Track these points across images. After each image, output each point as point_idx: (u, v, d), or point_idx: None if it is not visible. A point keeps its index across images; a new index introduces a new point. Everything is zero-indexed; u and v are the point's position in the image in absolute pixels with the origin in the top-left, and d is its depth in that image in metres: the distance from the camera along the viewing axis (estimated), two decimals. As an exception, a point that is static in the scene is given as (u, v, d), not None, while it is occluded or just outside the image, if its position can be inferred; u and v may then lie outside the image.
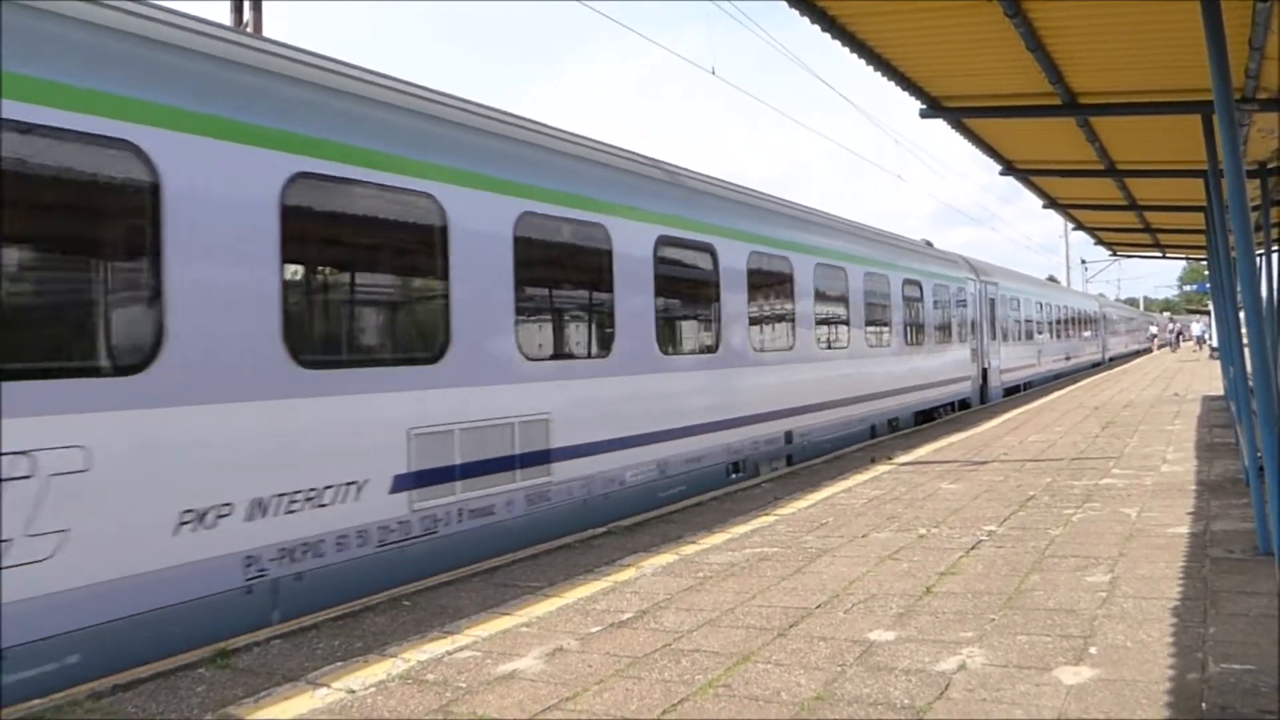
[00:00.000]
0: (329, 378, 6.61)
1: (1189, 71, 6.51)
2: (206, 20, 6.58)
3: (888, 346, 17.38)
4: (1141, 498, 9.22)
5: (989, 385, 24.28)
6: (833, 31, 5.95)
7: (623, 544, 8.14)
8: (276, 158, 6.32)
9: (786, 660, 4.97)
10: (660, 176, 11.09)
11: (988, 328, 24.25)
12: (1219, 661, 4.62)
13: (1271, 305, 13.00)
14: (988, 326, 24.26)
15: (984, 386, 23.93)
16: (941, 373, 20.47)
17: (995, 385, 24.98)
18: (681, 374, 10.89)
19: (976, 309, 23.35)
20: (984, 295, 24.11)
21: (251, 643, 5.59)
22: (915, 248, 20.56)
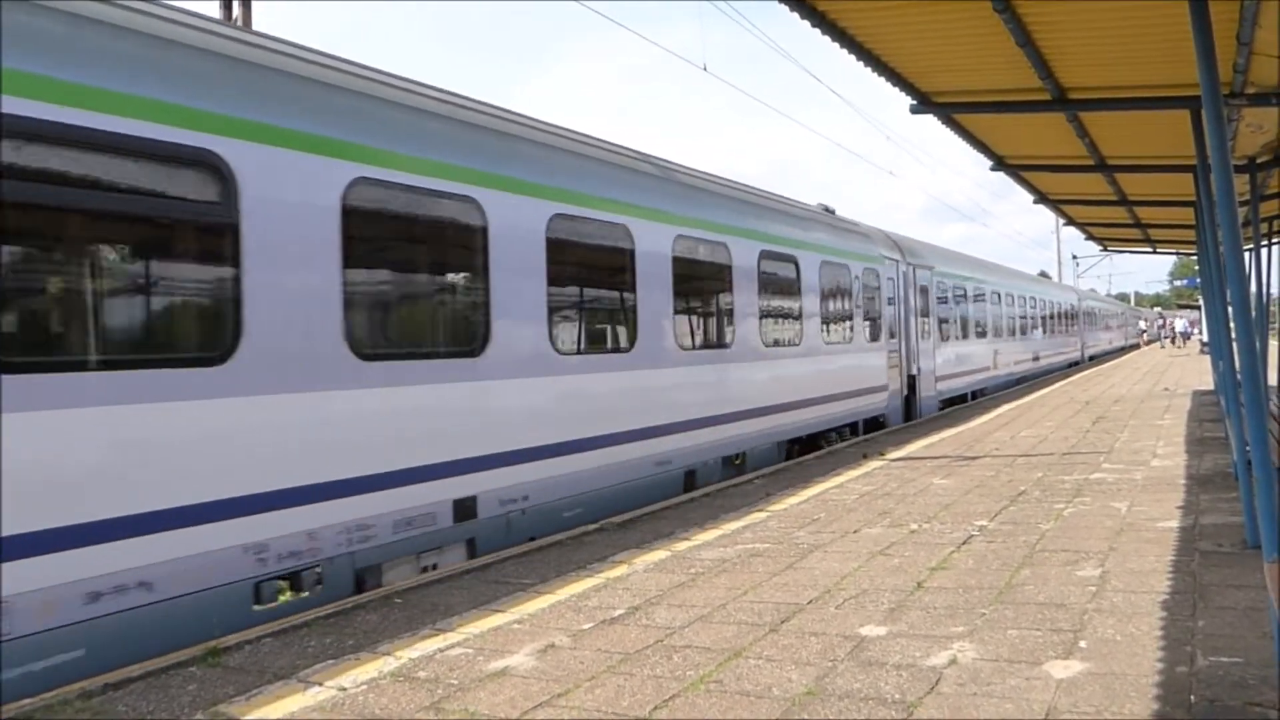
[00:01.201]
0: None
1: (1178, 67, 6.52)
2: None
3: (723, 347, 11.87)
4: (1132, 492, 9.26)
5: (919, 395, 19.25)
6: (823, 27, 5.94)
7: (615, 540, 8.14)
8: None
9: (778, 656, 4.98)
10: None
11: (919, 323, 19.44)
12: (1207, 655, 4.65)
13: (1261, 300, 13.06)
14: (919, 321, 19.48)
15: (912, 398, 18.97)
16: (832, 383, 14.93)
17: (929, 395, 19.88)
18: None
19: (900, 299, 18.46)
20: (911, 282, 19.18)
21: (242, 641, 5.58)
22: (787, 208, 14.58)
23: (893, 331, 17.89)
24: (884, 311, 17.35)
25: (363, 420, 6.79)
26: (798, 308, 13.97)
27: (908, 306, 18.86)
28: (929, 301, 20.33)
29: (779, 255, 13.43)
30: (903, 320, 18.50)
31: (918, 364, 19.15)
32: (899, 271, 18.53)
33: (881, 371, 17.10)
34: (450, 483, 7.59)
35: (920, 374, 19.28)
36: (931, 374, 20.17)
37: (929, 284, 20.42)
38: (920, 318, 19.57)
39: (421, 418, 7.36)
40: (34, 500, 4.89)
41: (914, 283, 19.37)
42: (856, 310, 16.15)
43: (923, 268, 20.08)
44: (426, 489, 7.33)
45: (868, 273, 16.65)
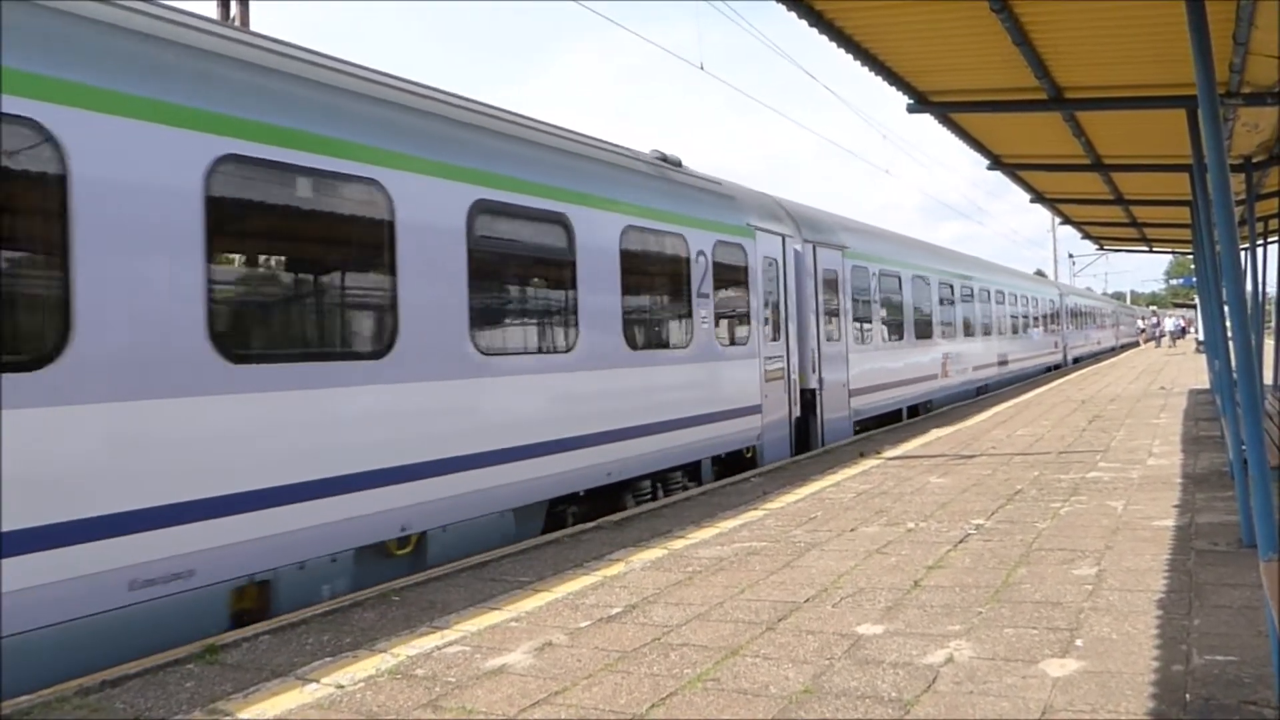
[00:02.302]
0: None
1: (1174, 66, 6.53)
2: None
3: (367, 358, 7.06)
4: (1128, 491, 9.28)
5: (821, 416, 14.55)
6: (820, 26, 5.94)
7: (611, 539, 8.15)
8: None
9: (775, 654, 4.99)
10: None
11: (825, 321, 14.89)
12: (1203, 653, 4.66)
13: (1256, 299, 13.09)
14: (825, 320, 14.90)
15: (810, 419, 14.39)
16: (647, 408, 10.22)
17: (837, 415, 15.11)
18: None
19: (789, 288, 13.76)
20: (809, 267, 14.47)
21: (240, 638, 5.59)
22: (539, 137, 9.39)
23: (777, 331, 13.31)
24: (757, 304, 12.61)
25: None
26: (564, 298, 9.07)
27: (803, 298, 14.13)
28: (840, 293, 15.56)
29: (525, 213, 8.52)
30: (794, 316, 13.81)
31: (820, 374, 14.41)
32: (786, 251, 13.67)
33: (750, 386, 12.25)
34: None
35: (825, 387, 14.56)
36: (842, 387, 15.36)
37: (840, 270, 15.61)
38: (827, 314, 14.96)
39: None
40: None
41: (815, 268, 14.59)
42: (700, 301, 11.24)
43: (829, 248, 15.28)
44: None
45: (725, 249, 11.94)
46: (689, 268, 11.20)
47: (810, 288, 14.47)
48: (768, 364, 12.91)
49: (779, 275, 13.48)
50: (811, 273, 14.52)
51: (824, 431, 14.64)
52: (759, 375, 12.62)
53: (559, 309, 9.09)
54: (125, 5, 5.92)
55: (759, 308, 12.79)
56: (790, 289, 13.79)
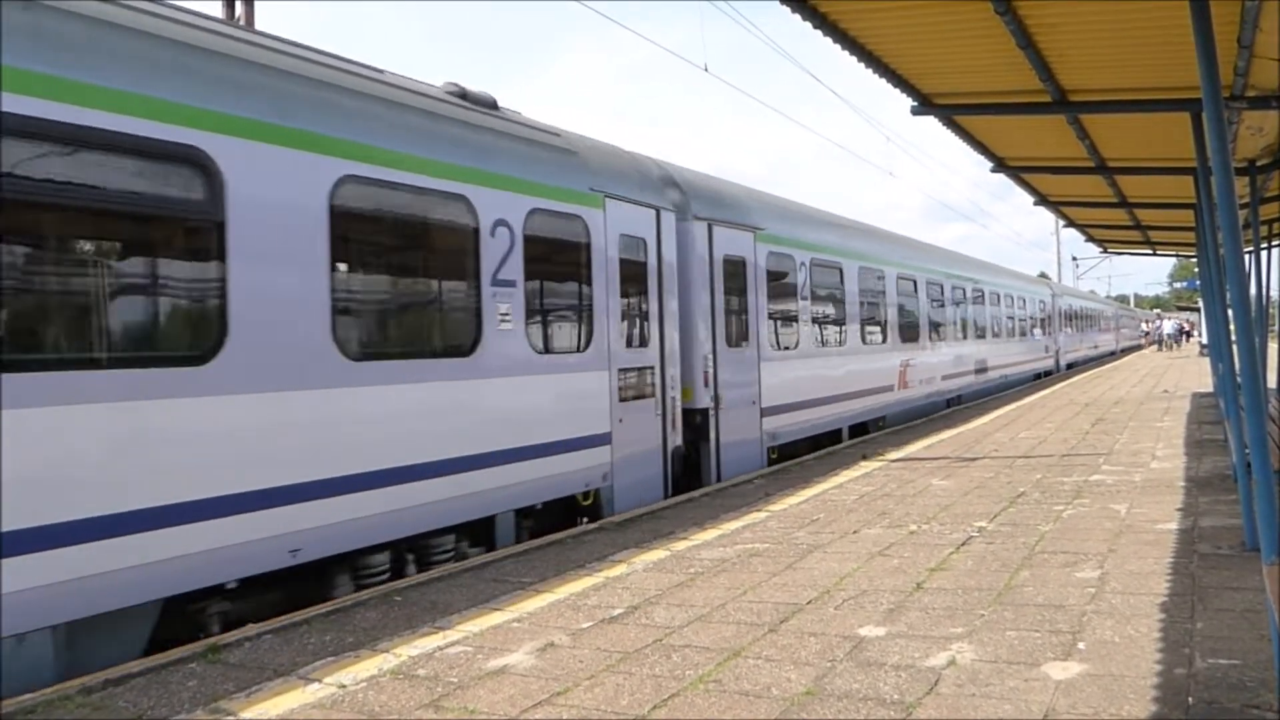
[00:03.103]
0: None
1: (1178, 69, 6.53)
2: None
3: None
4: (1131, 494, 9.27)
5: (717, 442, 11.45)
6: (824, 28, 5.94)
7: (614, 540, 8.15)
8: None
9: (777, 656, 4.99)
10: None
11: (723, 320, 11.78)
12: (1206, 657, 4.66)
13: (1260, 303, 13.07)
14: (725, 318, 11.85)
15: (703, 447, 11.34)
16: (415, 442, 7.34)
17: (741, 439, 11.98)
18: None
19: (665, 277, 10.67)
20: (701, 251, 11.44)
21: (243, 638, 5.60)
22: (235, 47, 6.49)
23: (644, 334, 10.22)
24: (606, 297, 9.51)
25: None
26: (209, 273, 5.99)
27: (691, 291, 11.12)
28: (751, 286, 12.43)
29: (150, 151, 5.68)
30: (675, 314, 10.77)
31: (715, 390, 11.35)
32: (663, 230, 10.58)
33: (592, 408, 9.26)
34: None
35: (723, 406, 11.47)
36: (750, 405, 12.23)
37: (750, 257, 12.46)
38: (730, 313, 11.97)
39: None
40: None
41: (711, 253, 11.55)
42: (496, 291, 8.09)
43: (734, 228, 12.07)
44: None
45: (548, 221, 8.81)
46: (478, 243, 7.87)
47: (703, 278, 11.34)
48: (624, 378, 9.69)
49: (649, 260, 10.27)
50: (706, 259, 11.42)
51: (720, 462, 11.41)
52: (608, 392, 9.38)
53: (200, 294, 5.98)
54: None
55: (609, 302, 9.46)
56: (668, 279, 10.60)
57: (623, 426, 9.71)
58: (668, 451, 10.56)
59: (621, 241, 9.88)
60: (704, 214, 11.58)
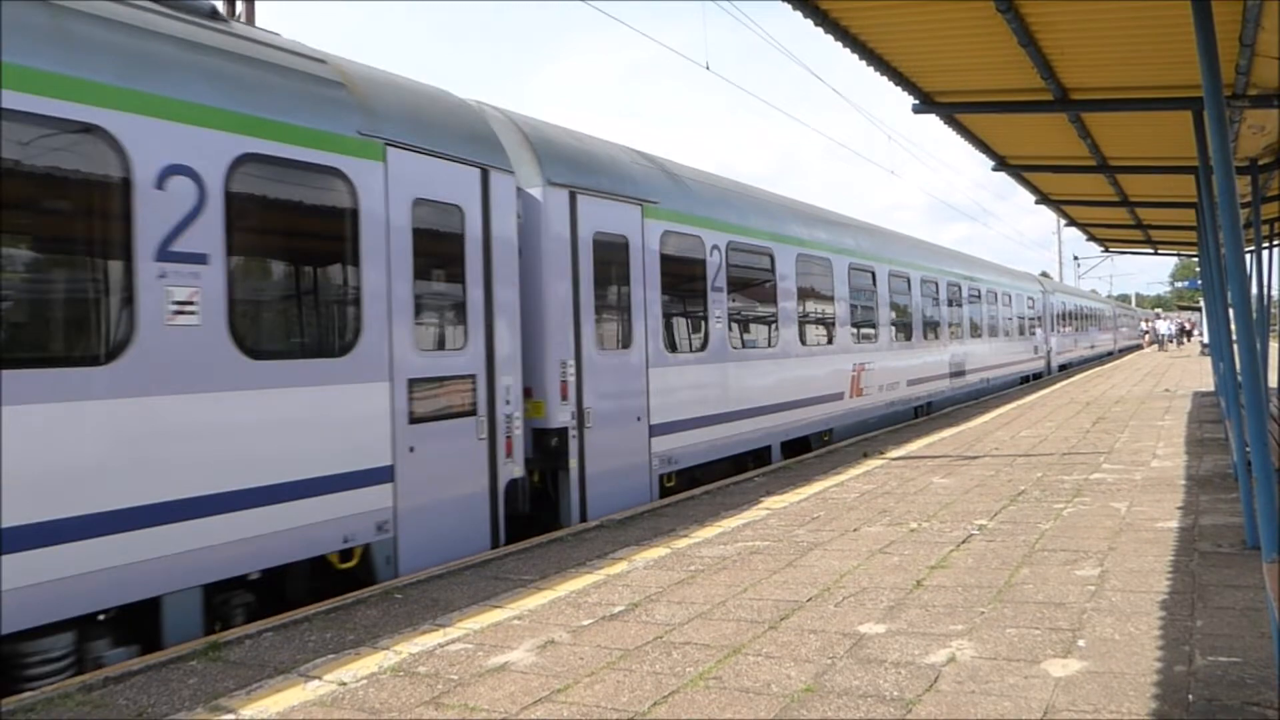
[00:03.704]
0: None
1: (1180, 67, 6.53)
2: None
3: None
4: (1131, 492, 9.27)
5: (583, 470, 9.25)
6: (825, 26, 5.94)
7: (615, 537, 8.16)
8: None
9: (777, 653, 4.99)
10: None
11: (592, 316, 9.54)
12: (1206, 654, 4.66)
13: (1262, 302, 13.07)
14: (595, 313, 9.58)
15: (562, 478, 9.11)
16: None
17: (620, 467, 9.76)
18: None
19: (491, 259, 8.16)
20: (567, 230, 9.26)
21: (243, 635, 5.60)
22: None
23: (460, 332, 7.94)
24: (386, 281, 7.15)
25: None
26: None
27: (540, 278, 8.93)
28: (637, 274, 10.14)
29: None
30: (511, 307, 8.35)
31: (578, 404, 9.14)
32: (493, 197, 8.19)
33: (363, 436, 6.92)
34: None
35: (591, 424, 9.26)
36: (635, 422, 9.97)
37: (636, 238, 10.16)
38: (604, 307, 9.70)
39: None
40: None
41: (572, 229, 9.26)
42: (161, 270, 5.67)
43: (610, 200, 9.82)
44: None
45: (270, 174, 6.45)
46: (129, 198, 5.53)
47: (561, 262, 9.03)
48: (419, 391, 7.30)
49: (468, 235, 7.90)
50: (567, 238, 9.11)
51: (588, 495, 9.15)
52: (389, 412, 7.04)
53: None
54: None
55: (393, 289, 7.14)
56: (502, 261, 8.21)
57: (415, 458, 7.22)
58: (497, 487, 8.01)
59: (417, 208, 7.41)
60: (564, 179, 9.18)
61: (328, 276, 7.07)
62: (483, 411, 7.96)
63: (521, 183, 8.80)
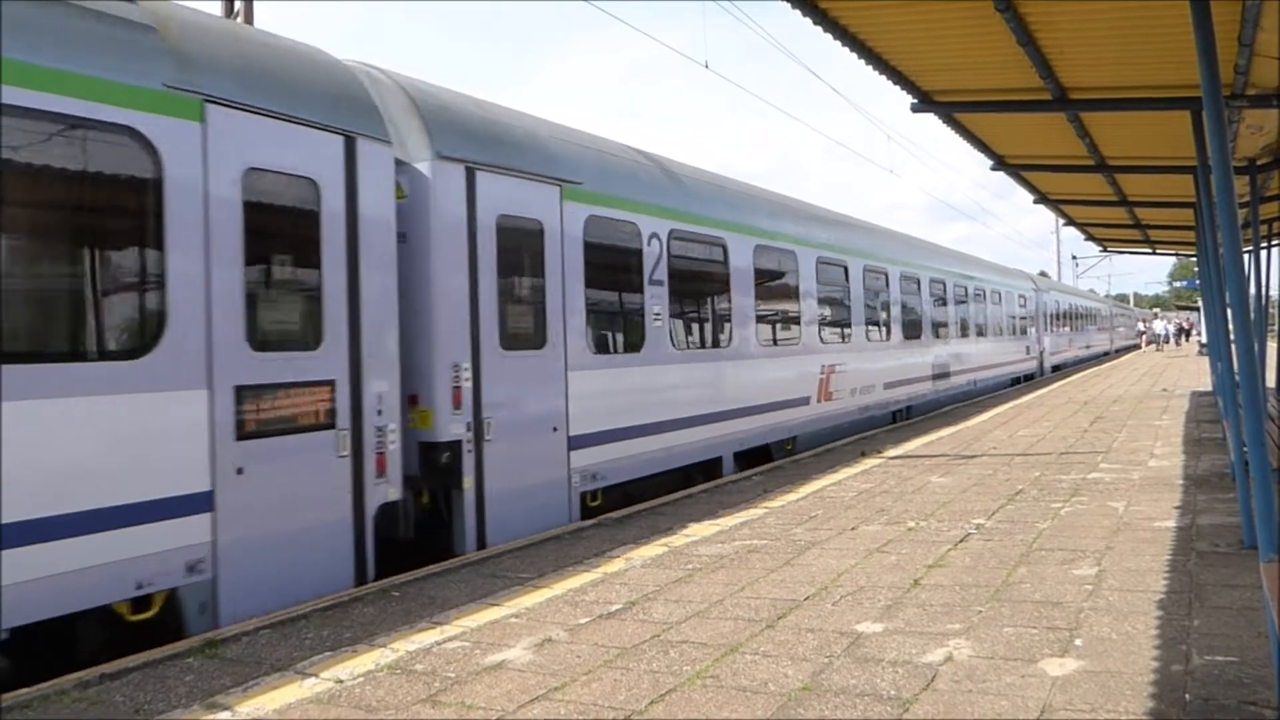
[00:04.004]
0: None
1: (1179, 67, 6.53)
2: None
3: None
4: (1129, 492, 9.28)
5: (481, 490, 7.95)
6: (824, 24, 5.94)
7: (612, 535, 8.15)
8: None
9: (774, 652, 4.99)
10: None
11: (494, 310, 8.23)
12: (1203, 654, 4.66)
13: (1260, 302, 13.08)
14: (499, 306, 8.29)
15: (457, 497, 7.85)
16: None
17: (529, 486, 8.49)
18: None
19: (359, 244, 6.94)
20: (462, 211, 7.99)
21: (240, 633, 5.60)
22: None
23: (314, 331, 6.69)
24: (209, 268, 5.96)
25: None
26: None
27: (430, 266, 7.72)
28: (552, 263, 8.92)
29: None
30: (385, 300, 7.20)
31: (476, 414, 7.95)
32: (360, 169, 7.03)
33: (169, 456, 5.65)
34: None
35: (492, 437, 8.06)
36: (549, 434, 8.75)
37: (552, 222, 8.95)
38: (511, 300, 8.51)
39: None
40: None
41: (469, 210, 8.04)
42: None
43: (519, 178, 8.59)
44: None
45: (45, 129, 5.20)
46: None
47: (454, 248, 7.83)
48: (253, 400, 6.14)
49: (325, 213, 6.69)
50: (462, 220, 7.92)
51: (487, 517, 7.93)
52: (207, 425, 5.87)
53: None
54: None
55: (213, 275, 5.99)
56: (374, 244, 7.05)
57: (245, 481, 6.05)
58: (364, 512, 6.81)
59: (251, 179, 6.27)
60: (461, 153, 7.97)
61: (116, 260, 5.74)
62: (344, 423, 6.71)
63: (406, 155, 7.73)
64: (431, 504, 7.89)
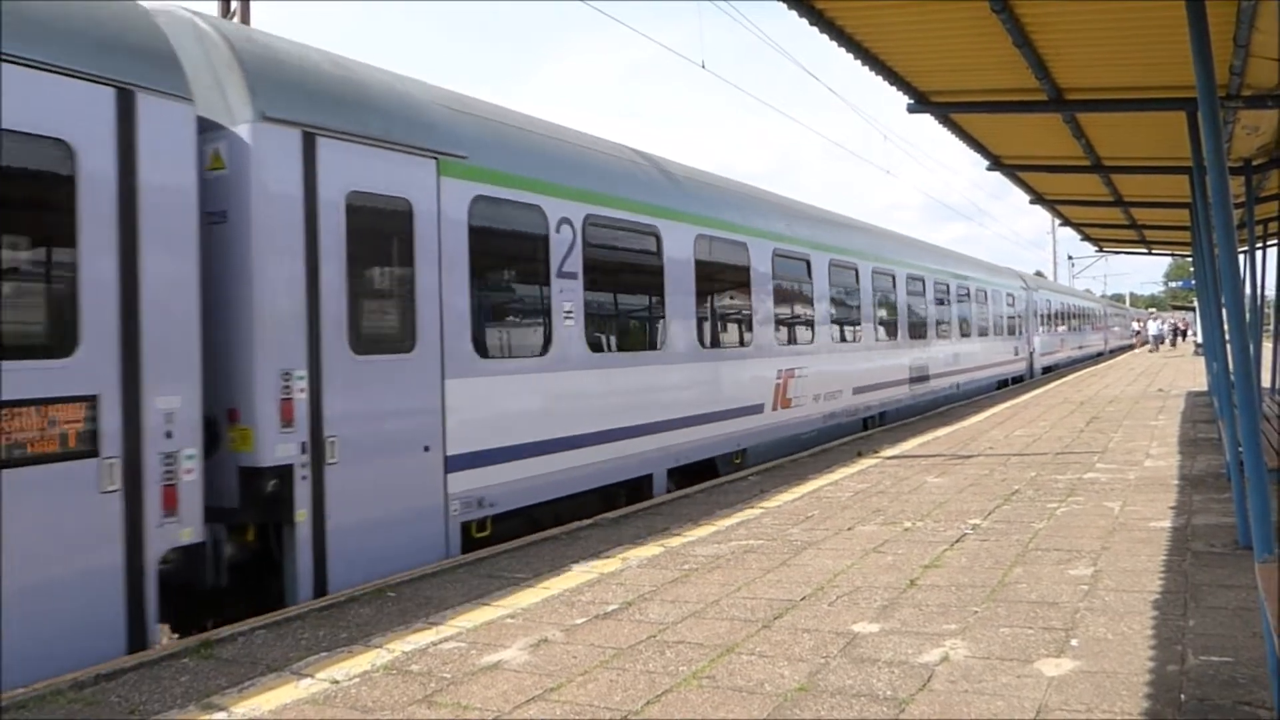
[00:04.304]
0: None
1: (1174, 68, 6.54)
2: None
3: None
4: (1125, 492, 9.29)
5: (324, 525, 6.57)
6: (821, 25, 5.94)
7: (609, 536, 8.15)
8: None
9: (770, 652, 4.99)
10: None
11: (345, 308, 6.85)
12: (1198, 654, 4.67)
13: (1255, 303, 13.10)
14: (348, 305, 6.88)
15: (289, 535, 6.42)
16: None
17: (389, 516, 7.04)
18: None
19: (138, 224, 5.56)
20: (298, 189, 6.57)
21: (236, 633, 5.59)
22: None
23: (56, 331, 5.31)
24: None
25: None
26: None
27: (249, 251, 6.33)
28: (423, 250, 7.53)
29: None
30: (177, 287, 5.82)
31: (311, 429, 6.57)
32: (141, 129, 5.62)
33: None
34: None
35: (339, 460, 6.72)
36: (418, 454, 7.38)
37: (424, 201, 7.56)
38: (367, 295, 7.25)
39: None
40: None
41: (306, 184, 6.68)
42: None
43: (379, 148, 7.21)
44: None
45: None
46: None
47: (285, 229, 6.48)
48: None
49: (82, 182, 5.36)
50: (297, 196, 6.57)
51: (330, 556, 6.60)
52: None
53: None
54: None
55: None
56: (158, 222, 5.71)
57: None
58: (143, 560, 5.53)
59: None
60: (296, 115, 6.61)
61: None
62: (112, 450, 5.36)
63: (220, 116, 6.33)
64: (260, 542, 6.53)
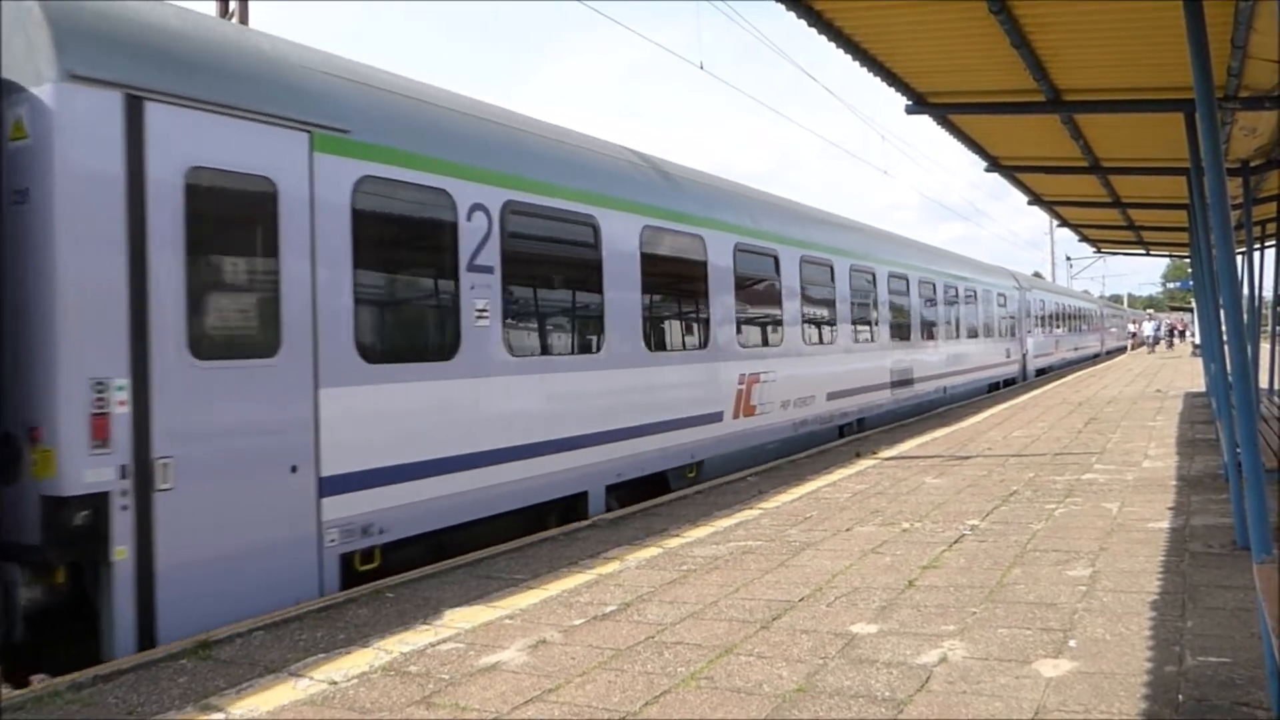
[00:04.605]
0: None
1: (1172, 69, 6.54)
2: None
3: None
4: (1123, 493, 9.29)
5: (154, 571, 5.50)
6: (819, 26, 5.95)
7: (607, 537, 8.15)
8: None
9: (769, 653, 4.99)
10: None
11: (177, 310, 5.72)
12: (1196, 654, 4.67)
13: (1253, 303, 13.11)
14: (187, 304, 5.77)
15: (102, 595, 5.38)
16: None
17: (234, 549, 5.91)
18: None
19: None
20: (75, 145, 5.29)
21: (234, 634, 5.58)
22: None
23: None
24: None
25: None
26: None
27: (55, 237, 5.25)
28: (289, 237, 6.41)
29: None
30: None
31: (133, 448, 5.48)
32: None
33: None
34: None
35: (174, 480, 5.64)
36: (283, 475, 6.29)
37: (291, 181, 6.45)
38: (219, 289, 6.13)
39: None
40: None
41: (129, 157, 5.55)
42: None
43: (230, 116, 6.10)
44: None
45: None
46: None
47: (101, 214, 5.44)
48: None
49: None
50: (116, 174, 5.53)
51: (160, 600, 5.57)
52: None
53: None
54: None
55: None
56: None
57: None
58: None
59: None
60: (115, 74, 5.55)
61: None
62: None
63: (27, 79, 5.37)
64: (73, 584, 5.48)
